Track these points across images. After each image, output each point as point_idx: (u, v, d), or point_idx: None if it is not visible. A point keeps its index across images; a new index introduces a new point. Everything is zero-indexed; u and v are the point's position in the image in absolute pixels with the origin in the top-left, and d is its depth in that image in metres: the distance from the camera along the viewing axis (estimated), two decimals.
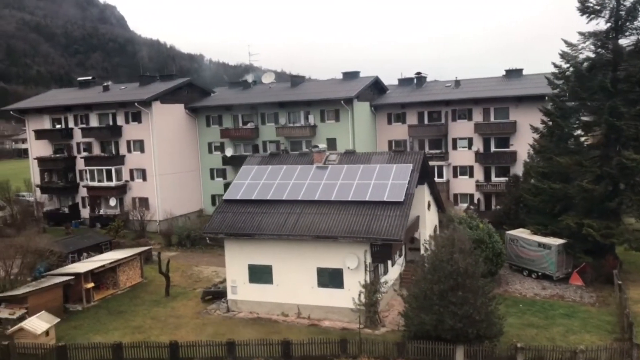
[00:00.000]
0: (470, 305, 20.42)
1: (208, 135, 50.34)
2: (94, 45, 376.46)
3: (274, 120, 47.73)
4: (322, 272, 25.95)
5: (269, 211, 27.49)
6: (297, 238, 25.74)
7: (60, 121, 49.61)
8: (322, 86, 48.68)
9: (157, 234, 45.84)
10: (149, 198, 46.45)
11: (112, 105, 46.81)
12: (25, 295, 25.53)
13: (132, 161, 47.03)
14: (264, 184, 29.22)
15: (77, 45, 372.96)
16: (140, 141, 46.37)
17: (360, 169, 28.20)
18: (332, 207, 26.55)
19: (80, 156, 48.17)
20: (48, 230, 46.18)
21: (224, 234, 27.26)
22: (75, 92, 53.18)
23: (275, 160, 31.35)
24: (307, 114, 46.35)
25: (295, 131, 46.06)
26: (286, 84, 51.79)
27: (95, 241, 34.79)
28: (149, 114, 45.46)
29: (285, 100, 46.42)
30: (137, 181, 47.11)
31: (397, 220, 24.75)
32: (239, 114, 49.00)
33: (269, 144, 48.14)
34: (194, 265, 37.46)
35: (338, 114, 45.13)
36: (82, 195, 49.30)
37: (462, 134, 46.61)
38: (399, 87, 52.26)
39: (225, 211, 28.40)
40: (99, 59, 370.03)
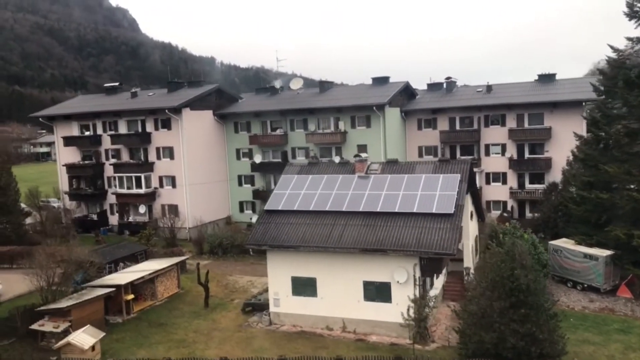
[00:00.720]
0: (533, 323, 19.72)
1: (236, 141, 50.00)
2: (106, 49, 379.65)
3: (303, 126, 47.26)
4: (369, 285, 25.37)
5: (312, 222, 26.98)
6: (343, 251, 25.20)
7: (89, 128, 49.53)
8: (352, 92, 48.13)
9: (187, 241, 45.55)
10: (179, 205, 46.17)
11: (141, 112, 46.62)
12: (69, 308, 25.21)
13: (161, 168, 46.80)
14: (305, 194, 28.72)
15: (90, 49, 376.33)
16: (169, 148, 46.12)
17: (405, 179, 27.60)
18: (379, 218, 25.97)
19: (109, 163, 48.03)
20: (77, 238, 46.09)
21: (267, 246, 26.78)
22: (102, 99, 53.12)
23: (314, 169, 30.85)
24: (337, 120, 45.83)
25: (326, 137, 45.56)
26: (314, 89, 51.30)
27: (131, 251, 34.47)
28: (179, 120, 45.21)
29: (316, 107, 45.91)
30: (166, 188, 46.87)
31: (448, 233, 24.11)
32: (268, 120, 48.60)
33: (297, 150, 47.72)
34: (228, 275, 37.03)
35: (369, 120, 44.55)
36: (111, 202, 49.16)
37: (495, 140, 45.84)
38: (428, 92, 51.58)
39: (267, 222, 27.92)
40: (112, 62, 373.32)
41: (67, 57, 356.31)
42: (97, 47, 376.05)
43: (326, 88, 49.89)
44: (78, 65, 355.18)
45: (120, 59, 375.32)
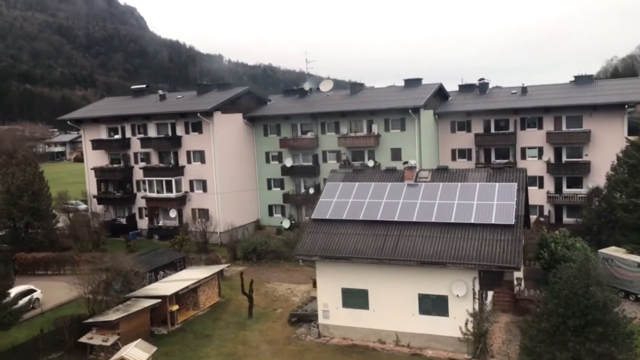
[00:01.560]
0: (611, 343, 18.93)
1: (265, 144, 49.34)
2: (115, 47, 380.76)
3: (334, 129, 46.53)
4: (425, 298, 24.63)
5: (363, 232, 26.27)
6: (399, 263, 24.47)
7: (117, 131, 49.06)
8: (384, 94, 47.28)
9: (218, 245, 45.03)
10: (210, 209, 45.59)
11: (172, 115, 46.06)
12: (118, 321, 24.67)
13: (192, 172, 46.25)
14: (353, 202, 27.99)
15: (99, 47, 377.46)
16: (200, 152, 45.54)
17: (459, 188, 26.80)
18: (434, 229, 25.20)
19: (139, 167, 47.51)
20: (107, 242, 45.69)
21: (318, 257, 26.09)
22: (130, 101, 52.63)
23: (360, 176, 30.11)
24: (370, 123, 45.05)
25: (359, 141, 44.80)
26: (344, 91, 50.50)
27: (171, 258, 33.89)
28: (211, 124, 44.60)
29: (350, 110, 45.13)
30: (197, 192, 46.31)
31: (510, 246, 23.30)
32: (298, 123, 47.90)
33: (329, 153, 47.01)
34: (266, 282, 36.38)
35: (404, 123, 43.73)
36: (139, 206, 48.69)
37: (531, 143, 44.87)
38: (460, 93, 50.65)
39: (316, 231, 27.23)
40: (121, 60, 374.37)
41: (76, 55, 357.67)
42: (106, 45, 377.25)
43: (357, 90, 49.09)
44: (87, 63, 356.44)
45: (128, 56, 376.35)
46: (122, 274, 27.80)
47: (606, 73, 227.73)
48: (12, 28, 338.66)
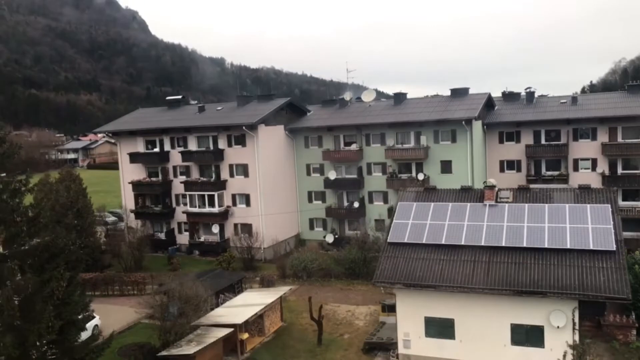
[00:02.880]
0: None
1: (306, 156, 48.08)
2: (118, 51, 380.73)
3: (380, 141, 45.24)
4: (518, 329, 23.29)
5: (447, 258, 24.94)
6: (493, 292, 23.15)
7: (155, 143, 47.83)
8: (430, 104, 45.97)
9: (262, 261, 43.78)
10: (253, 224, 44.33)
11: (213, 128, 44.83)
12: (195, 354, 23.38)
13: (234, 186, 45.00)
14: (431, 224, 26.67)
15: (102, 51, 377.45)
16: (244, 165, 44.31)
17: (547, 210, 25.46)
18: (526, 255, 23.86)
19: (179, 181, 46.23)
20: (147, 258, 44.43)
21: (401, 284, 24.78)
22: (166, 113, 51.35)
23: (433, 195, 28.77)
24: (418, 135, 43.77)
25: (407, 153, 43.52)
26: (388, 101, 49.19)
27: (230, 281, 32.57)
28: (255, 137, 43.36)
29: (398, 121, 43.85)
30: (239, 206, 45.06)
31: (615, 274, 21.96)
32: (341, 134, 46.65)
33: (374, 165, 45.72)
34: (323, 303, 34.92)
35: (454, 134, 42.45)
36: (178, 221, 47.44)
37: (584, 155, 43.59)
38: (506, 102, 49.37)
39: (394, 256, 25.92)
40: (123, 64, 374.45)
41: (80, 60, 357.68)
42: (109, 49, 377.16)
43: (401, 100, 47.79)
44: (90, 67, 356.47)
45: (131, 60, 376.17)
46: (191, 301, 26.48)
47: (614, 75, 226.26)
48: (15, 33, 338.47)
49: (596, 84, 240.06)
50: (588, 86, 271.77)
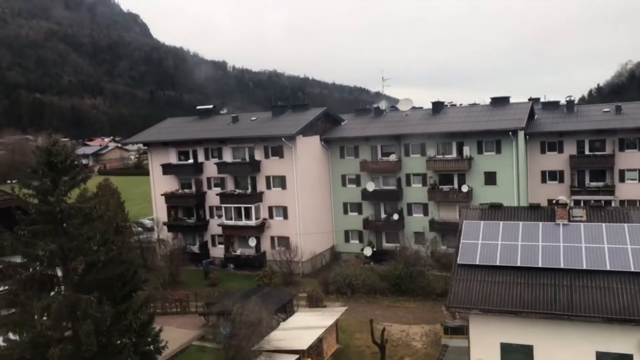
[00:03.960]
0: None
1: (341, 167, 47.01)
2: (120, 54, 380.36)
3: (419, 151, 44.18)
4: (604, 356, 22.13)
5: (524, 281, 23.79)
6: (580, 319, 22.04)
7: (188, 154, 46.75)
8: (471, 114, 44.88)
9: (300, 276, 42.69)
10: (290, 237, 43.23)
11: (249, 139, 43.77)
12: None
13: (271, 198, 43.92)
14: (503, 245, 25.54)
15: (104, 54, 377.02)
16: (281, 177, 43.25)
17: (627, 230, 24.32)
18: (610, 278, 22.69)
19: (215, 193, 45.12)
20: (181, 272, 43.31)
21: (478, 310, 23.65)
22: (198, 123, 50.22)
23: (499, 213, 27.66)
24: (460, 145, 42.69)
25: (449, 164, 42.43)
26: (425, 110, 48.05)
27: (281, 300, 31.45)
28: (293, 148, 42.31)
29: (439, 132, 42.80)
30: (276, 219, 43.97)
31: None
32: (378, 144, 45.58)
33: (413, 177, 44.64)
34: (372, 321, 33.89)
35: (499, 145, 41.36)
36: (212, 233, 46.34)
37: (631, 166, 42.51)
38: (546, 111, 48.31)
39: (467, 279, 24.77)
40: (126, 68, 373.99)
41: (82, 63, 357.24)
42: (111, 53, 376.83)
43: (439, 109, 46.70)
44: (93, 70, 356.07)
45: (134, 64, 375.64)
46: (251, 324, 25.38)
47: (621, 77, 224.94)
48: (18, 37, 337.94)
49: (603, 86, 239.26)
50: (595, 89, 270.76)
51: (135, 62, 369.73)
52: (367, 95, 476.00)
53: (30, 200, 18.19)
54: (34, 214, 17.88)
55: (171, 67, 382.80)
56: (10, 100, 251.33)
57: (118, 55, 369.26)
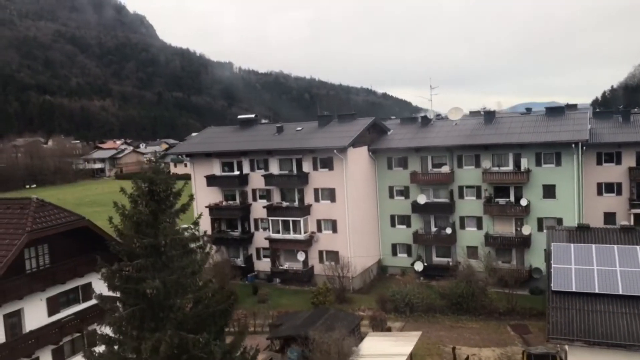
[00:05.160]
0: None
1: (389, 178, 45.61)
2: (127, 55, 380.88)
3: (473, 163, 42.74)
4: None
5: (630, 311, 22.38)
6: None
7: (232, 166, 45.44)
8: (527, 124, 43.26)
9: (351, 292, 41.30)
10: (339, 251, 41.88)
11: (298, 150, 42.44)
12: None
13: (319, 211, 42.58)
14: (600, 271, 24.15)
15: (111, 56, 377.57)
16: (330, 189, 41.90)
17: None
18: None
19: (262, 205, 43.78)
20: None
21: (582, 342, 22.22)
22: (240, 133, 48.82)
23: (588, 235, 26.31)
24: (517, 157, 41.22)
25: (507, 177, 40.95)
26: (477, 120, 46.52)
27: (350, 324, 30.00)
28: (344, 160, 40.96)
29: (497, 143, 41.33)
30: (325, 233, 42.63)
31: None
32: (429, 155, 44.17)
33: (466, 189, 43.18)
34: (440, 344, 32.51)
35: (559, 157, 39.87)
36: (257, 246, 45.03)
37: None
38: (599, 121, 46.71)
39: (565, 307, 23.38)
40: (133, 69, 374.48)
41: (89, 65, 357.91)
42: (118, 54, 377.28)
43: (491, 118, 45.22)
44: (100, 72, 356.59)
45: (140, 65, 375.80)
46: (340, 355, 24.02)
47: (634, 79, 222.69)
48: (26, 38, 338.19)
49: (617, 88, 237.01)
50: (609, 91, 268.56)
51: (142, 63, 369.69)
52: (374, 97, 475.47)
53: (130, 232, 16.92)
54: (137, 248, 16.59)
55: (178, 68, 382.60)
56: (21, 102, 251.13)
57: (125, 57, 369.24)
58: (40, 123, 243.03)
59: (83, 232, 26.36)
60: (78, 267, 26.12)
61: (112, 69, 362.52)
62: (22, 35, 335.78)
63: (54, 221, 24.48)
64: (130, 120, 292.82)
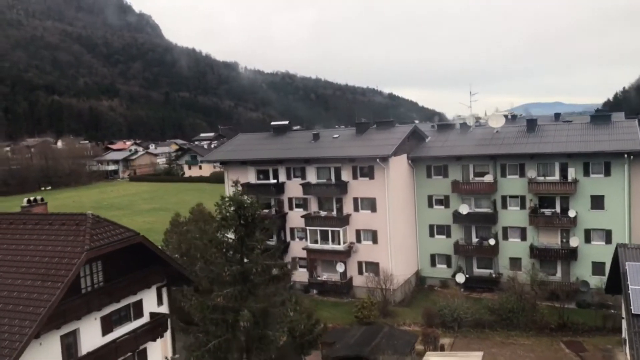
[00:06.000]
0: None
1: (428, 187, 44.51)
2: (133, 55, 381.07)
3: (517, 172, 41.59)
4: None
5: None
6: None
7: (267, 173, 44.43)
8: (572, 132, 42.13)
9: (392, 304, 40.20)
10: (380, 263, 40.83)
11: (337, 159, 41.39)
12: None
13: (359, 221, 41.52)
14: None
15: (118, 55, 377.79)
16: (371, 199, 40.85)
17: None
18: None
19: (300, 215, 42.70)
20: None
21: None
22: (273, 140, 47.77)
23: None
24: (564, 166, 40.06)
25: (554, 187, 39.77)
26: (519, 128, 45.30)
27: (407, 343, 28.91)
28: (385, 169, 39.88)
29: (543, 152, 40.18)
30: (364, 243, 41.57)
31: None
32: (470, 164, 43.04)
33: (509, 199, 42.02)
34: None
35: (609, 167, 38.68)
36: (292, 256, 43.96)
37: None
38: None
39: None
40: (140, 69, 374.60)
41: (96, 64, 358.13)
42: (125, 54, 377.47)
43: (533, 126, 44.03)
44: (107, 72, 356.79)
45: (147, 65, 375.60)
46: None
47: None
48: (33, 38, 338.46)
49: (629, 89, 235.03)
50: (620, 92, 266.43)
51: (148, 63, 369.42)
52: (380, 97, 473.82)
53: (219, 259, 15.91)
54: (228, 276, 15.59)
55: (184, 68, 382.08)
56: (30, 102, 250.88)
57: (131, 57, 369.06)
58: (49, 123, 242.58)
59: (135, 248, 25.38)
60: (132, 285, 25.16)
61: (118, 69, 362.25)
62: (29, 35, 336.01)
63: (110, 238, 23.43)
64: (138, 121, 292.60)
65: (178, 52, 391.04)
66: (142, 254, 25.89)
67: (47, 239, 23.16)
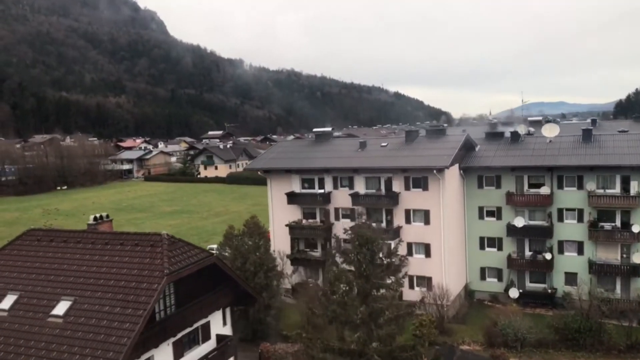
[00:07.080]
0: None
1: (479, 198, 43.03)
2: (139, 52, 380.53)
3: (574, 184, 40.12)
4: None
5: None
6: None
7: (312, 182, 42.97)
8: (632, 143, 40.54)
9: (446, 321, 38.74)
10: (432, 277, 39.42)
11: (388, 169, 39.93)
12: None
13: (410, 234, 40.07)
14: None
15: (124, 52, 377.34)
16: (424, 211, 39.39)
17: None
18: None
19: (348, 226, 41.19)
20: None
21: None
22: (317, 147, 46.22)
23: None
24: (626, 179, 38.58)
25: (615, 200, 38.31)
26: (574, 137, 43.72)
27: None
28: (441, 180, 38.44)
29: (604, 165, 38.73)
30: (416, 257, 40.06)
31: None
32: (525, 175, 41.58)
33: (566, 212, 40.55)
34: None
35: None
36: None
37: None
38: None
39: None
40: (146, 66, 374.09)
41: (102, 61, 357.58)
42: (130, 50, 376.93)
43: (588, 136, 42.53)
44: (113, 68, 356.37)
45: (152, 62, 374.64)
46: None
47: None
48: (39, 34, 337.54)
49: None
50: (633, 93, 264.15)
51: (154, 60, 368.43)
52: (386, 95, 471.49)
53: None
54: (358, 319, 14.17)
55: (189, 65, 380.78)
56: (37, 98, 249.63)
57: (137, 53, 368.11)
58: (56, 120, 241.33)
59: (207, 269, 24.00)
60: (205, 308, 23.81)
61: (124, 66, 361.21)
62: (35, 30, 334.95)
63: (187, 260, 22.04)
64: (145, 118, 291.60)
65: (183, 48, 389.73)
66: (212, 274, 24.55)
67: (121, 260, 21.81)
